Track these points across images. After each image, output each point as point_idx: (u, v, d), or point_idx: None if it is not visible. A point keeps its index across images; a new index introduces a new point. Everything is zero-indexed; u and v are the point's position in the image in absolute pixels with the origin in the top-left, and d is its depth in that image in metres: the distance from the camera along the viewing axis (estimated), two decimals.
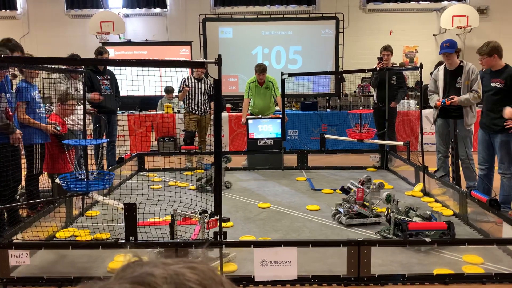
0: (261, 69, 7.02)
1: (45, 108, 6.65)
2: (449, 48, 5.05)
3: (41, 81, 5.52)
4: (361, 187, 4.35)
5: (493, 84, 4.62)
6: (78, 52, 6.24)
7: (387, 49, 6.82)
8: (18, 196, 4.61)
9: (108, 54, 6.48)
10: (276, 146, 6.85)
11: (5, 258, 3.19)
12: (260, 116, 7.21)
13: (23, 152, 4.30)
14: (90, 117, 6.15)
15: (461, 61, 5.18)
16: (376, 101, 6.98)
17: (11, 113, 4.01)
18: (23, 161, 4.41)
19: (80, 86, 5.61)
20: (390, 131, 6.83)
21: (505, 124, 4.38)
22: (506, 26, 12.32)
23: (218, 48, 9.94)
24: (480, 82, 4.97)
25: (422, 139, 5.57)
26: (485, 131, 4.73)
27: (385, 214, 3.96)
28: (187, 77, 7.09)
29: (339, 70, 10.14)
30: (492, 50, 4.52)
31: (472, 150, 5.22)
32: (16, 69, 4.48)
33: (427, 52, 12.50)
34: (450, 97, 5.05)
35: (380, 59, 6.78)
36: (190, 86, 6.96)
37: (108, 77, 6.30)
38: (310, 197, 5.28)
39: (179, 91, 7.06)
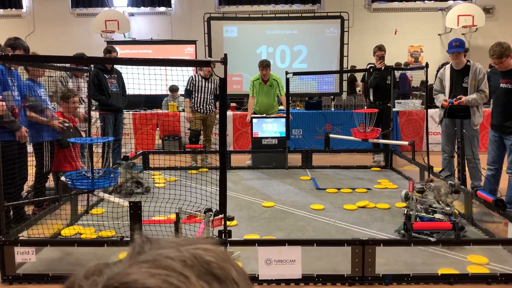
0: (264, 64, 7.00)
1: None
2: (459, 47, 5.02)
3: (47, 80, 5.55)
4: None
5: (502, 85, 4.57)
6: (83, 50, 6.27)
7: (381, 48, 6.79)
8: (26, 193, 4.64)
9: (117, 53, 6.50)
10: (281, 145, 6.85)
11: (11, 255, 3.21)
12: (264, 115, 7.21)
13: (30, 150, 4.32)
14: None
15: (468, 61, 5.15)
16: (372, 101, 6.94)
17: (17, 110, 4.03)
18: (31, 158, 4.43)
19: (83, 84, 5.62)
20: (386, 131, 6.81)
21: None
22: None
23: (223, 47, 9.94)
24: (487, 82, 4.94)
25: (428, 139, 5.55)
26: (496, 132, 4.71)
27: (404, 212, 3.95)
28: (194, 75, 7.10)
29: (347, 69, 10.12)
30: (509, 50, 4.46)
31: (478, 150, 5.19)
32: (21, 67, 4.50)
33: (432, 52, 12.45)
34: (458, 97, 5.02)
35: (382, 58, 6.76)
36: (196, 85, 6.97)
37: (116, 76, 6.32)
38: (314, 197, 5.28)
39: (186, 90, 7.05)
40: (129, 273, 0.43)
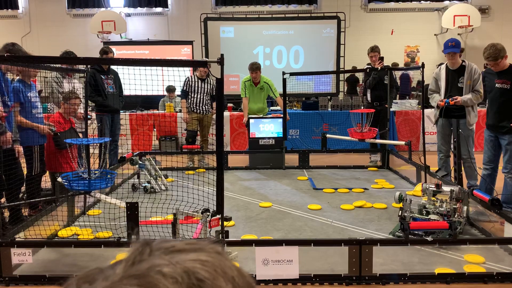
0: (254, 67, 7.00)
1: (47, 108, 6.66)
2: (454, 47, 5.04)
3: (43, 80, 5.52)
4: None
5: (498, 85, 4.59)
6: (79, 51, 6.25)
7: (375, 49, 6.80)
8: (21, 195, 4.61)
9: (113, 54, 6.49)
10: (278, 145, 6.85)
11: (7, 256, 3.20)
12: (261, 115, 7.20)
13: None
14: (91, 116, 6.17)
15: (463, 61, 5.18)
16: (370, 101, 6.96)
17: (5, 114, 3.97)
18: (23, 160, 4.41)
19: (77, 85, 5.60)
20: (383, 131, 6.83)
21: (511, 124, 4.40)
22: (507, 26, 12.31)
23: (220, 47, 9.95)
24: (482, 82, 4.97)
25: (424, 139, 5.57)
26: (491, 132, 4.73)
27: (399, 213, 3.96)
28: (190, 76, 7.10)
29: (347, 69, 10.15)
30: (503, 51, 4.49)
31: (473, 149, 5.22)
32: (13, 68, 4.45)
33: (429, 52, 12.50)
34: (454, 97, 5.05)
35: (381, 58, 6.77)
36: (192, 86, 6.97)
37: (112, 76, 6.31)
38: (311, 197, 5.28)
39: (183, 90, 7.05)
40: (112, 286, 0.43)
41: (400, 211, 3.94)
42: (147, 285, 0.42)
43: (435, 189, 4.04)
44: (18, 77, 4.47)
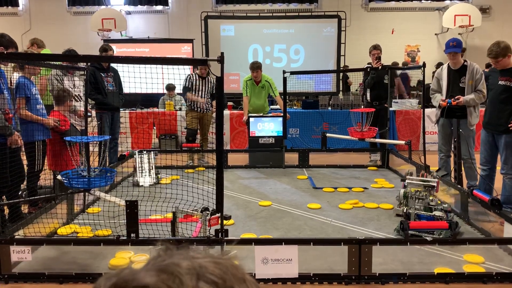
0: (255, 66, 6.99)
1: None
2: (455, 47, 5.03)
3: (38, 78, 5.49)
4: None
5: (501, 82, 4.59)
6: (80, 49, 6.23)
7: (377, 47, 6.79)
8: (20, 192, 4.61)
9: (113, 52, 6.48)
10: (277, 144, 6.85)
11: (7, 254, 3.20)
12: (261, 114, 7.20)
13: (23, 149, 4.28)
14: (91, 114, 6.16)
15: (465, 61, 5.16)
16: (369, 101, 6.95)
17: (10, 115, 3.95)
18: (24, 157, 4.40)
19: (77, 82, 5.59)
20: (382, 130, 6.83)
21: (510, 125, 4.38)
22: (508, 26, 12.31)
23: (220, 46, 9.94)
24: (485, 82, 4.96)
25: (424, 138, 5.56)
26: (488, 132, 4.72)
27: (404, 211, 3.97)
28: (191, 74, 7.09)
29: (341, 68, 10.15)
30: (506, 50, 4.48)
31: (474, 150, 5.21)
32: (13, 65, 4.45)
33: (429, 51, 12.49)
34: (456, 97, 5.03)
35: (378, 58, 6.76)
36: (193, 84, 6.95)
37: (112, 74, 6.30)
38: (311, 196, 5.28)
39: (184, 87, 7.02)
40: (135, 273, 0.50)
41: (405, 208, 3.95)
42: (163, 270, 0.50)
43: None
44: (20, 74, 4.47)
